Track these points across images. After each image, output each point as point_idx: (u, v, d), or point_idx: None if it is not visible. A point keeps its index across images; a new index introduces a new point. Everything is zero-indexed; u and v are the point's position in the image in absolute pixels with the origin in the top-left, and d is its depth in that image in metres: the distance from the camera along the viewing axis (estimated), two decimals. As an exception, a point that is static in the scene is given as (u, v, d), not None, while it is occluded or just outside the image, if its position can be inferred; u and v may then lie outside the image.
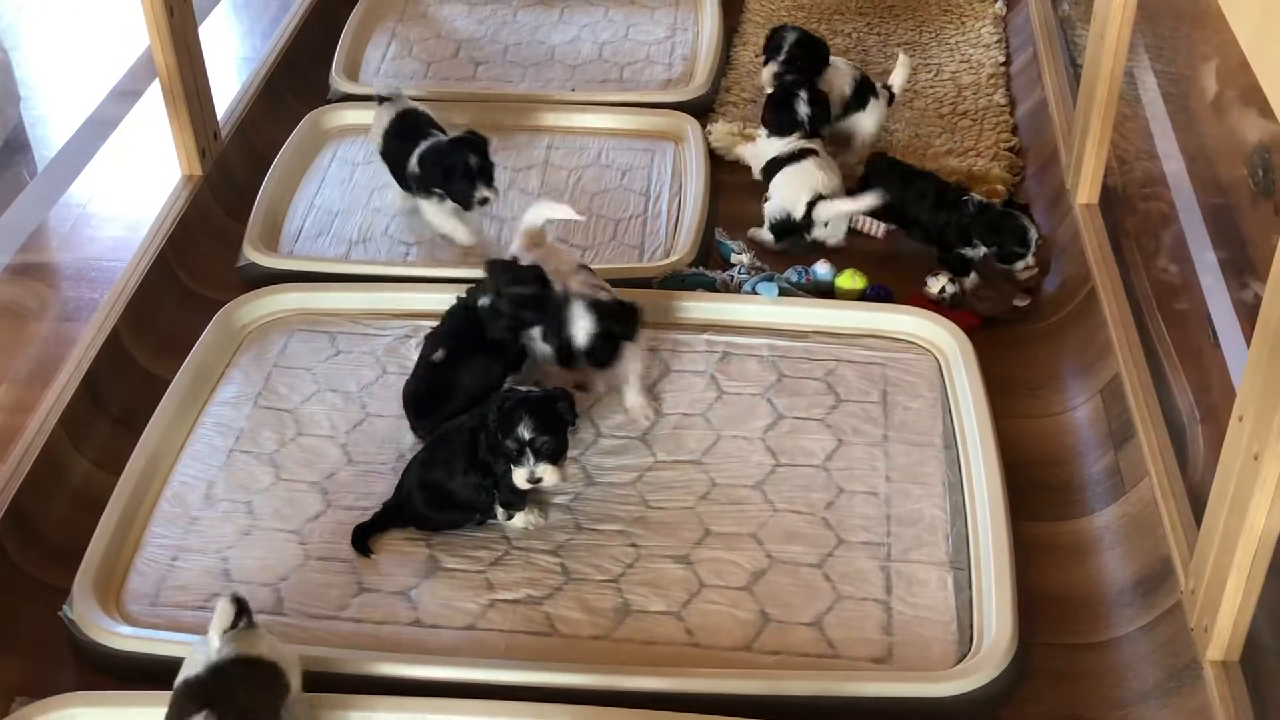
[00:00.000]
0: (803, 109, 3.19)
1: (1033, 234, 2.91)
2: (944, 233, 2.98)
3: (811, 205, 3.08)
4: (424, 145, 3.06)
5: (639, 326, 2.54)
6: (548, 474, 2.30)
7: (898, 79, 3.42)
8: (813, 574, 2.32)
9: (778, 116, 3.22)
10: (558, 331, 2.49)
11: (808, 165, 3.13)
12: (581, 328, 2.48)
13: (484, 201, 2.99)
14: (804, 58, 3.33)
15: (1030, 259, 2.93)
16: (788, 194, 3.12)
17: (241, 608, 1.93)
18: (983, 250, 2.94)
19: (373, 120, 3.26)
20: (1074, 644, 2.24)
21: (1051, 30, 3.73)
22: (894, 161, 3.18)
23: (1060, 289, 2.94)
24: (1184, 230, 2.74)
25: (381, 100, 3.25)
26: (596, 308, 2.49)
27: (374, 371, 2.76)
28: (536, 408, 2.29)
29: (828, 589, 2.30)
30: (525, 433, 2.27)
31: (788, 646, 2.20)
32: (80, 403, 2.63)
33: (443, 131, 3.13)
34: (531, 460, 2.28)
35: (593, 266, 2.87)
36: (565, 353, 2.50)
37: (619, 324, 2.52)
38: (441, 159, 3.00)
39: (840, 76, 3.37)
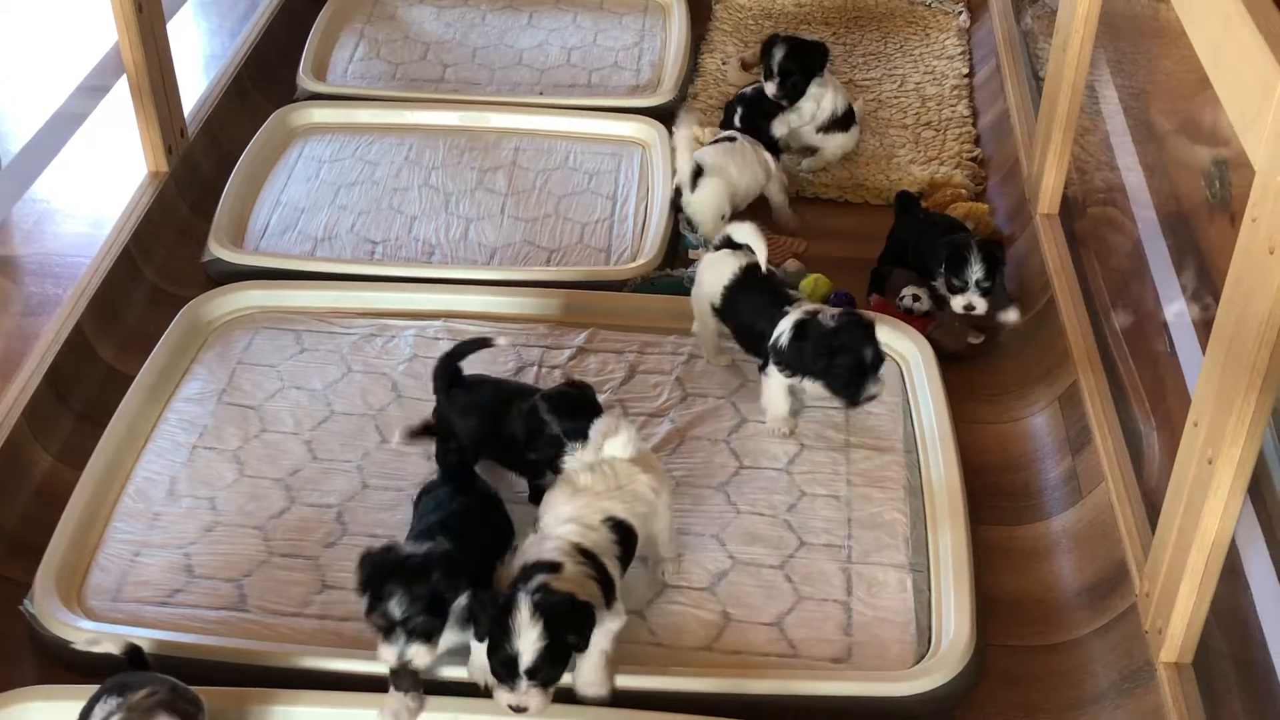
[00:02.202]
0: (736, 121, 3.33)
1: (972, 272, 2.75)
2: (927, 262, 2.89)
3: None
4: (800, 318, 2.54)
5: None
6: (420, 655, 1.97)
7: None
8: (774, 575, 2.34)
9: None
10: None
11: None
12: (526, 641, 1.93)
13: (871, 399, 2.54)
14: (797, 70, 3.36)
15: (972, 300, 2.77)
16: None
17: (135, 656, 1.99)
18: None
19: (702, 266, 2.74)
20: (1030, 646, 2.27)
21: (1014, 43, 3.78)
22: (915, 204, 3.12)
23: (1020, 298, 2.97)
24: (1142, 241, 2.79)
25: (721, 246, 2.72)
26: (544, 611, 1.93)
27: (339, 370, 2.76)
28: (409, 576, 1.96)
29: (789, 590, 2.32)
30: (395, 609, 1.95)
31: (749, 646, 2.22)
32: (43, 398, 2.62)
33: (790, 289, 2.76)
34: (402, 640, 1.96)
35: (560, 267, 2.91)
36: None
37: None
38: (831, 346, 2.49)
39: (838, 93, 3.44)
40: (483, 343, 2.45)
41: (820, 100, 3.40)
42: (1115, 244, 2.98)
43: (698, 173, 3.09)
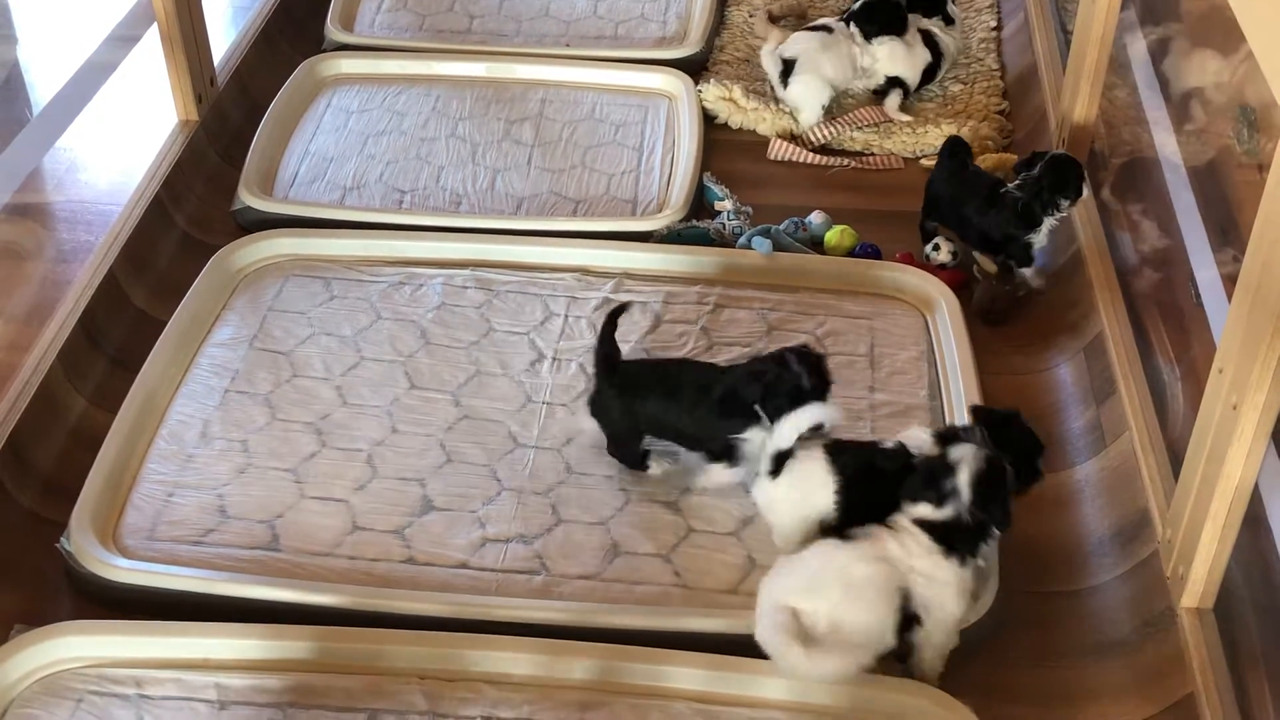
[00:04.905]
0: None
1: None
2: (1004, 229, 2.84)
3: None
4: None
5: None
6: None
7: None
8: (799, 520, 2.36)
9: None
10: None
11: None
12: None
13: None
14: None
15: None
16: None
17: None
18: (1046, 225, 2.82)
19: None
20: (1053, 591, 2.29)
21: (1043, -4, 3.76)
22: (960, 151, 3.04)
23: (1047, 249, 2.98)
24: (1169, 192, 2.78)
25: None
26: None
27: (368, 317, 2.79)
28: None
29: (813, 535, 2.34)
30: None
31: (774, 589, 2.24)
32: (77, 342, 2.65)
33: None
34: None
35: (586, 218, 2.93)
36: None
37: None
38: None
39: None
40: (621, 309, 2.43)
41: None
42: (1142, 195, 2.98)
43: (787, 70, 3.38)
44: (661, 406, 2.37)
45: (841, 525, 2.15)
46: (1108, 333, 2.63)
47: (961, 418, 2.51)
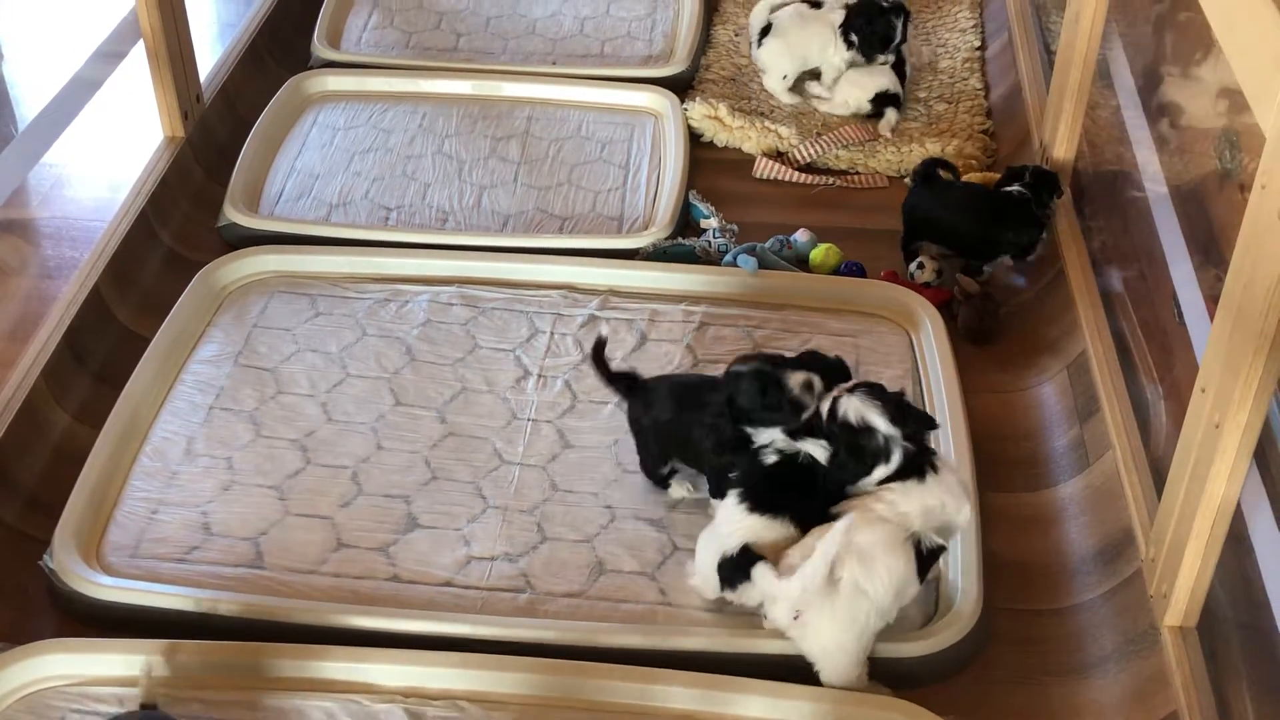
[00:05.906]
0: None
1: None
2: (1013, 232, 2.94)
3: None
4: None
5: None
6: None
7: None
8: (784, 538, 2.36)
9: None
10: None
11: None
12: None
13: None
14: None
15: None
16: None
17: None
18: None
19: None
20: (1037, 610, 2.30)
21: (1027, 16, 3.78)
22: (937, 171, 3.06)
23: (1030, 268, 3.00)
24: (1152, 212, 2.80)
25: None
26: None
27: (354, 334, 2.79)
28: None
29: (798, 553, 2.34)
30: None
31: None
32: (62, 358, 2.64)
33: None
34: None
35: (572, 235, 2.93)
36: None
37: None
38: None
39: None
40: (601, 343, 2.44)
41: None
42: (1125, 214, 3.00)
43: (765, 30, 3.58)
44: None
45: None
46: (1091, 351, 2.65)
47: (946, 436, 2.52)
